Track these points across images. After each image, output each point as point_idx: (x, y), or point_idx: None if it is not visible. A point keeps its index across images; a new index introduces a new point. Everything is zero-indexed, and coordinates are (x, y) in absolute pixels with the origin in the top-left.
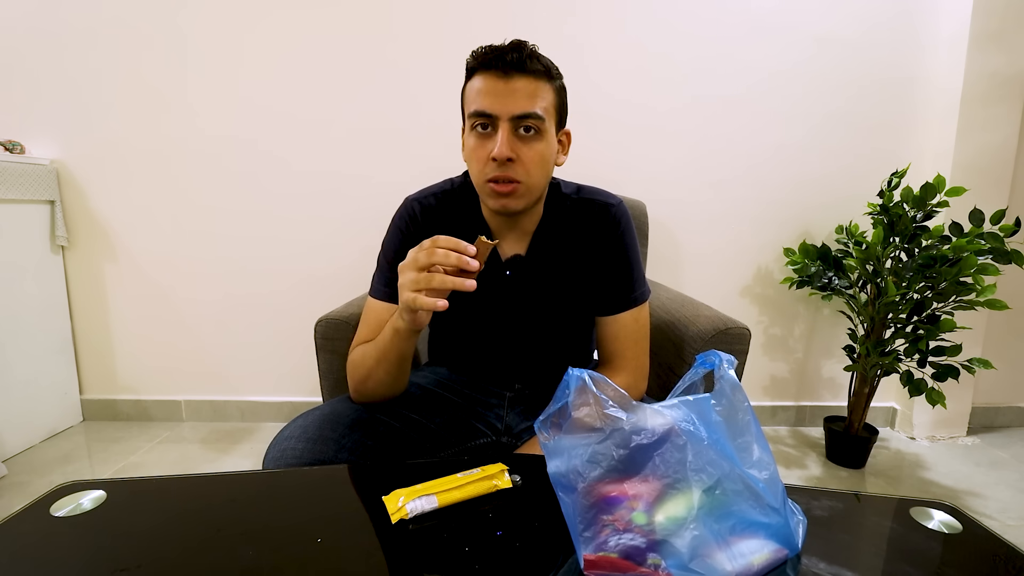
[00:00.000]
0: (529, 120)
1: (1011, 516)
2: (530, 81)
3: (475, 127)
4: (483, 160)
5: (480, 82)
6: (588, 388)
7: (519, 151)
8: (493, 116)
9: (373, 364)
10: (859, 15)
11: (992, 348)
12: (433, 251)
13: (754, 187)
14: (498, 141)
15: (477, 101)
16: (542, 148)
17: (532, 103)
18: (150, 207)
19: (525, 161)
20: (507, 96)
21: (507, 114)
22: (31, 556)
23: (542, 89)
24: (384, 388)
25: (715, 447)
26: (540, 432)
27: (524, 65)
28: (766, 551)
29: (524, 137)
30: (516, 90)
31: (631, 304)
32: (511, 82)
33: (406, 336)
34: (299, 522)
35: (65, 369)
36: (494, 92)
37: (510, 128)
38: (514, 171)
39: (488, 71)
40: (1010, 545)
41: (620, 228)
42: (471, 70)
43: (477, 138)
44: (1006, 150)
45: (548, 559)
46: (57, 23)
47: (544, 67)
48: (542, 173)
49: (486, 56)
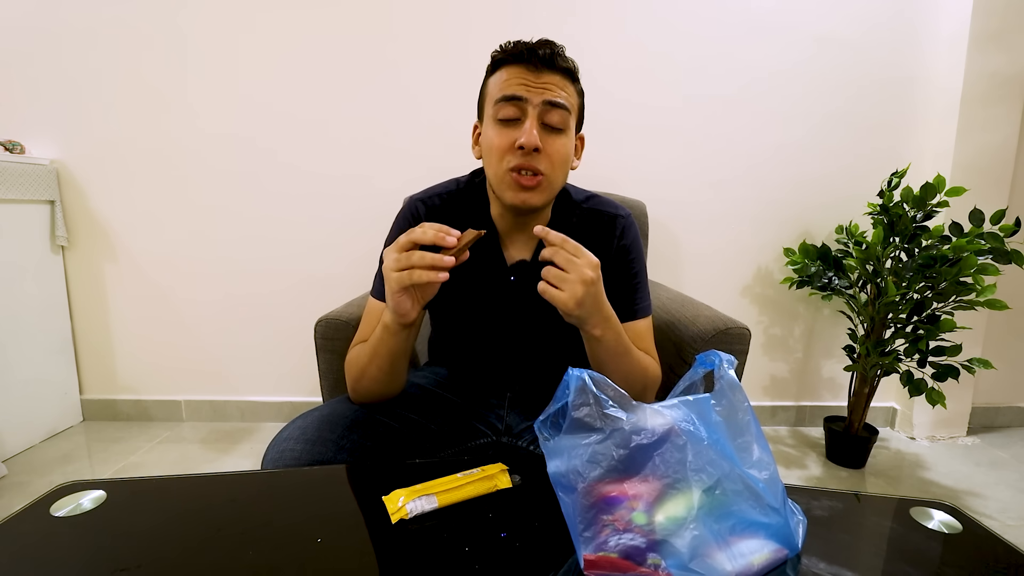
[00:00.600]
0: (558, 110)
1: (1011, 516)
2: (560, 77)
3: (499, 118)
4: (506, 149)
5: (508, 73)
6: (588, 388)
7: (545, 143)
8: (524, 100)
9: (366, 361)
10: (859, 15)
11: (992, 348)
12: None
13: (754, 187)
14: (526, 128)
15: (506, 88)
16: (566, 143)
17: (562, 94)
18: (150, 207)
19: (550, 153)
20: (538, 85)
21: (539, 99)
22: (31, 556)
23: (568, 87)
24: (379, 386)
25: (715, 447)
26: (540, 432)
27: (554, 62)
28: (766, 551)
29: (550, 131)
30: (547, 82)
31: (631, 317)
32: (541, 75)
33: (395, 331)
34: (299, 522)
35: (65, 369)
36: (525, 81)
37: (538, 116)
38: (539, 162)
39: (518, 64)
40: (1010, 545)
41: (626, 241)
42: (497, 63)
43: (501, 127)
44: (1006, 150)
45: (548, 559)
46: (57, 23)
47: (571, 67)
48: (563, 171)
49: (517, 49)
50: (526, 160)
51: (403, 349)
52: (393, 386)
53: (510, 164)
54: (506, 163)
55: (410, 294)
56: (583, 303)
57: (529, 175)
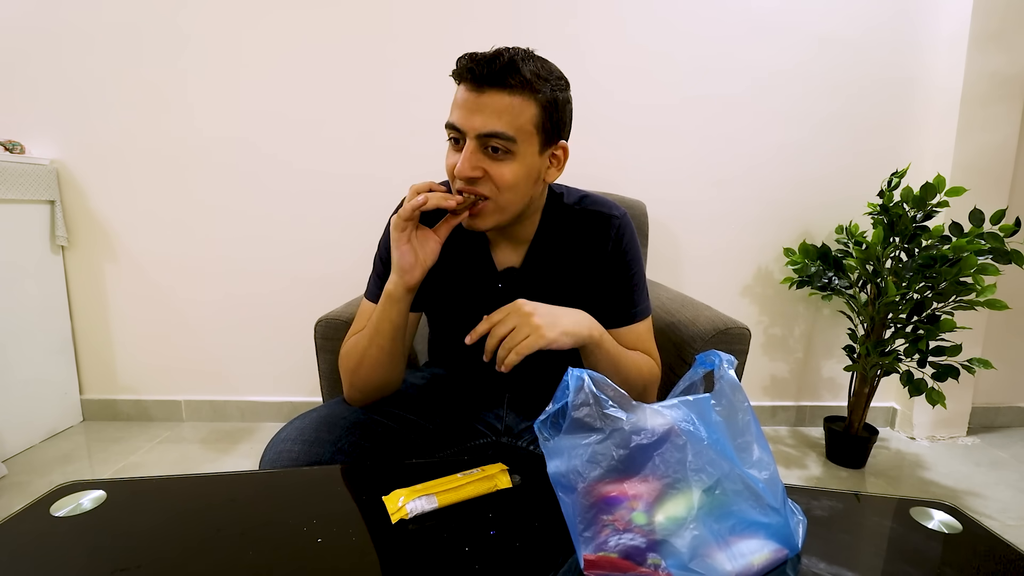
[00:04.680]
0: (495, 140)
1: (1011, 516)
2: (504, 96)
3: (449, 137)
4: (451, 173)
5: (458, 93)
6: (588, 388)
7: (487, 167)
8: (460, 130)
9: (366, 343)
10: (859, 15)
11: (992, 348)
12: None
13: (754, 187)
14: (461, 157)
15: (451, 112)
16: (513, 168)
17: (501, 122)
18: (150, 207)
19: (494, 178)
20: (476, 112)
21: (473, 131)
22: (31, 556)
23: (518, 106)
24: (379, 372)
25: (715, 447)
26: (540, 432)
27: (500, 79)
28: (766, 551)
29: (493, 156)
30: (485, 106)
31: (629, 320)
32: (482, 97)
33: (398, 297)
34: (299, 522)
35: (65, 369)
36: (465, 106)
37: (476, 146)
38: (482, 187)
39: (464, 82)
40: (1010, 545)
41: (621, 242)
42: (455, 77)
43: (450, 149)
44: (1006, 150)
45: (548, 559)
46: (57, 23)
47: (526, 80)
48: (516, 192)
49: (463, 65)
50: (467, 187)
51: (402, 325)
52: (393, 374)
53: (456, 186)
54: (453, 186)
55: (413, 247)
56: (551, 326)
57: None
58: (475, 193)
